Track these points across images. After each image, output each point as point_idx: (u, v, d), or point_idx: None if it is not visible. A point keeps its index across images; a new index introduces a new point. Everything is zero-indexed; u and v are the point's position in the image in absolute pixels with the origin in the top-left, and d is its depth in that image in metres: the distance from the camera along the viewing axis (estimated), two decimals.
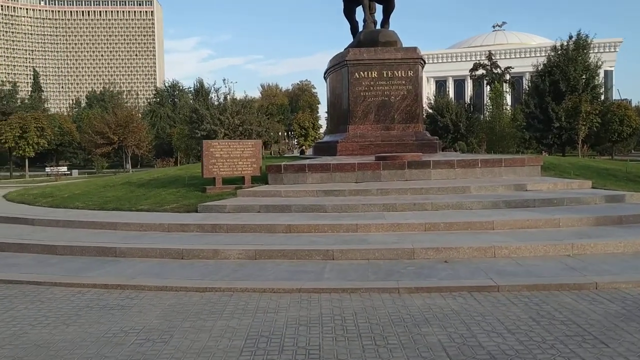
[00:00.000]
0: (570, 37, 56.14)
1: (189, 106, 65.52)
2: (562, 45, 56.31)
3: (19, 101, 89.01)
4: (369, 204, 11.13)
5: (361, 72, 18.60)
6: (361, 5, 20.98)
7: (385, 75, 18.55)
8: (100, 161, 68.29)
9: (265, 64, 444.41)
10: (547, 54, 60.76)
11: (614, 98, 74.21)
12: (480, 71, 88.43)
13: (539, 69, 57.53)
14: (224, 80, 75.22)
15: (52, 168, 63.20)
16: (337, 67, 19.63)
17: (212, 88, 68.28)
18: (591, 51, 57.57)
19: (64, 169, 66.06)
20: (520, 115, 60.39)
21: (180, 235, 9.87)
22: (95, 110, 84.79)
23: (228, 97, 61.73)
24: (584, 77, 54.74)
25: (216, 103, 62.83)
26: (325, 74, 21.61)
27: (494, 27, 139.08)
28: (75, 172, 63.78)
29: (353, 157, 17.10)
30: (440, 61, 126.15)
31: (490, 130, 63.63)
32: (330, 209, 11.10)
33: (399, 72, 18.54)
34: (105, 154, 69.28)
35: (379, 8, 22.64)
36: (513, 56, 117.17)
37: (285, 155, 60.15)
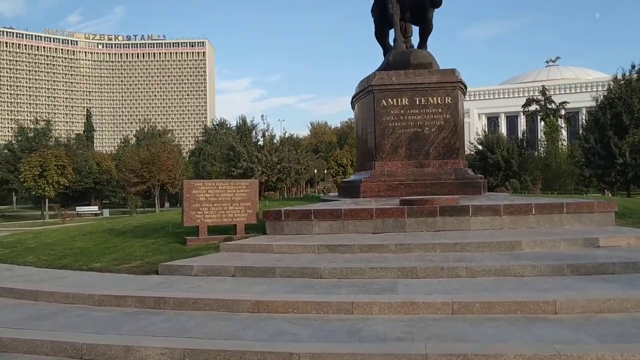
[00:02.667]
0: (633, 67, 51.96)
1: (226, 143, 63.88)
2: (624, 75, 52.17)
3: (52, 139, 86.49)
4: (380, 266, 8.12)
5: (389, 99, 15.74)
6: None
7: (418, 102, 15.63)
8: (134, 200, 66.72)
9: (316, 103, 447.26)
10: (606, 87, 56.68)
11: None
12: (534, 106, 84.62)
13: (599, 101, 53.32)
14: (262, 116, 73.97)
15: (82, 208, 61.98)
16: (363, 94, 16.84)
17: (254, 125, 66.71)
18: None
19: (95, 208, 64.91)
20: (578, 151, 56.04)
21: (107, 313, 7.08)
22: (131, 147, 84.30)
23: (266, 134, 59.80)
24: None
25: (261, 141, 61.21)
26: (352, 101, 18.81)
27: (547, 62, 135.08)
28: (106, 211, 62.49)
29: (378, 200, 14.17)
30: (492, 97, 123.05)
31: (545, 168, 59.53)
32: (327, 273, 8.16)
33: (435, 98, 15.58)
34: (140, 192, 67.60)
35: (415, 30, 19.95)
36: (568, 91, 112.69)
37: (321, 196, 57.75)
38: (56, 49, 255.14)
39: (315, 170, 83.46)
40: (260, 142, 58.25)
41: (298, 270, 8.34)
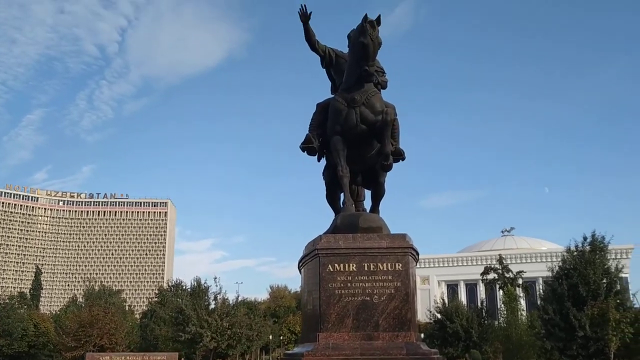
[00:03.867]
0: (585, 239, 53.02)
1: (176, 306, 60.82)
2: (577, 247, 53.09)
3: None
4: None
5: (336, 265, 14.59)
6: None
7: (366, 268, 14.50)
8: None
9: (278, 266, 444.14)
10: (560, 257, 57.48)
11: (636, 305, 69.13)
12: (492, 275, 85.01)
13: (554, 271, 53.65)
14: (215, 278, 72.17)
15: None
16: (309, 258, 15.67)
17: (206, 287, 64.31)
18: (609, 254, 54.17)
19: None
20: (538, 321, 55.08)
21: None
22: (72, 308, 79.75)
23: (218, 297, 57.37)
24: (604, 281, 50.50)
25: (212, 305, 58.61)
26: (299, 265, 17.58)
27: (502, 232, 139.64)
28: None
29: None
30: (451, 265, 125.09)
31: (506, 338, 57.97)
32: None
33: (384, 264, 14.52)
34: (77, 358, 62.01)
35: (368, 195, 19.51)
36: (524, 260, 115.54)
37: None
38: (15, 204, 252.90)
39: (271, 337, 79.66)
40: (212, 306, 55.67)
41: None
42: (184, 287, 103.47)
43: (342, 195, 19.64)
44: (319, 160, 18.32)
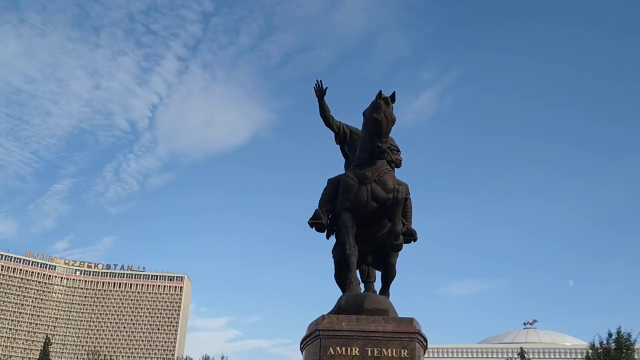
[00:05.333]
0: (610, 335, 50.75)
1: None
2: (601, 343, 50.72)
3: None
4: None
5: (338, 348, 13.69)
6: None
7: (370, 353, 13.57)
8: None
9: (292, 349, 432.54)
10: (584, 354, 54.88)
11: None
12: None
13: None
14: (222, 358, 69.27)
15: None
16: (310, 339, 14.77)
17: None
18: (635, 353, 51.54)
19: None
20: None
21: None
22: None
23: None
24: None
25: None
26: (300, 346, 16.63)
27: (524, 324, 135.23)
28: None
29: None
30: (470, 356, 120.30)
31: None
32: None
33: (389, 350, 13.57)
34: None
35: (379, 275, 18.76)
36: (547, 356, 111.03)
37: None
38: (32, 272, 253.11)
39: None
40: None
41: None
42: None
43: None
44: (327, 237, 17.73)
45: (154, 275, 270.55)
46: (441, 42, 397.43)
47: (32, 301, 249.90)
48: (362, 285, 17.40)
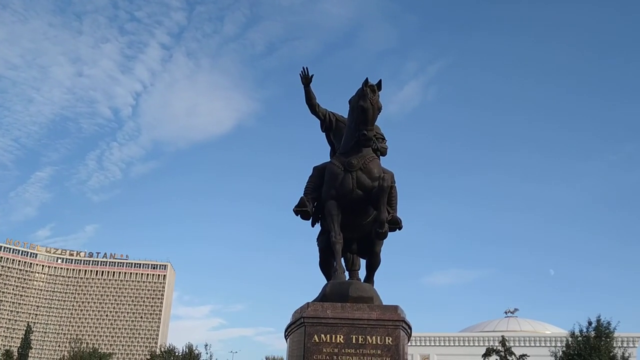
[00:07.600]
0: (590, 324, 51.47)
1: None
2: (581, 332, 51.44)
3: None
4: None
5: (322, 335, 13.68)
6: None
7: (354, 340, 13.59)
8: None
9: (276, 337, 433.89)
10: (564, 342, 55.61)
11: None
12: (494, 357, 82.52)
13: (558, 356, 51.77)
14: (205, 345, 69.51)
15: None
16: (295, 327, 14.75)
17: (198, 354, 62.34)
18: (614, 341, 52.34)
19: None
20: None
21: None
22: None
23: None
24: None
25: None
26: (285, 334, 16.59)
27: (506, 313, 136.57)
28: None
29: None
30: (452, 344, 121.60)
31: None
32: None
33: (373, 337, 13.60)
34: None
35: (363, 264, 18.74)
36: (527, 344, 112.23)
37: None
38: (13, 259, 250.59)
39: None
40: None
41: None
42: (176, 354, 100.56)
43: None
44: (312, 225, 17.64)
45: (137, 264, 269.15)
46: (427, 33, 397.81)
47: (13, 289, 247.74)
48: (346, 273, 17.41)
